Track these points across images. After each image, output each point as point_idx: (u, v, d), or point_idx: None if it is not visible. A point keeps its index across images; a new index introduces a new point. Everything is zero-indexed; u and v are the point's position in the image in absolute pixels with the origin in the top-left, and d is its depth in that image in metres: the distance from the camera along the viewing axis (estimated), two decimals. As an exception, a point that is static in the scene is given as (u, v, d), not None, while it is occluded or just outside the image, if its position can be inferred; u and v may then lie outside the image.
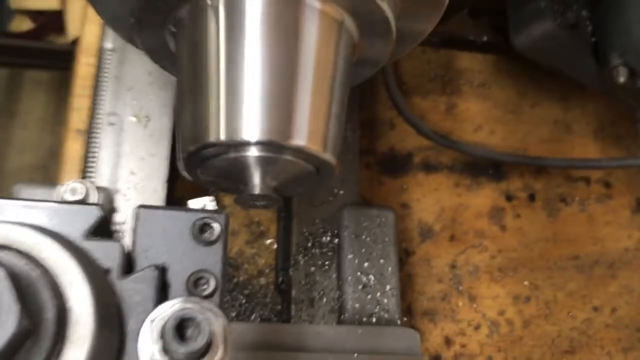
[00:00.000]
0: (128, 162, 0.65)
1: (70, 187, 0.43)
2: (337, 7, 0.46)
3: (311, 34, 0.45)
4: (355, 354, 0.60)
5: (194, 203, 0.40)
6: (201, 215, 0.38)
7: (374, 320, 0.65)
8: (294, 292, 0.68)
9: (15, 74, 1.12)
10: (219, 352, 0.31)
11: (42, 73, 1.12)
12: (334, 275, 0.68)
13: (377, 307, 0.66)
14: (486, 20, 0.86)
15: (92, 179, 0.63)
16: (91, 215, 0.36)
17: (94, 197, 0.45)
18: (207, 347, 0.31)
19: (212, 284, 0.37)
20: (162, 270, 0.36)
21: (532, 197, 0.88)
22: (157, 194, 0.64)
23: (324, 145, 0.45)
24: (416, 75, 0.91)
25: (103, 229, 0.37)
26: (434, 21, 0.52)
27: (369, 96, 0.87)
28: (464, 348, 0.79)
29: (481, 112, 0.91)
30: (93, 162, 0.64)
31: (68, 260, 0.32)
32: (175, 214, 0.38)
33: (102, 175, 0.64)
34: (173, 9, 0.47)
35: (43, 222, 0.35)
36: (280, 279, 0.72)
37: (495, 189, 0.87)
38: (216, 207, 0.40)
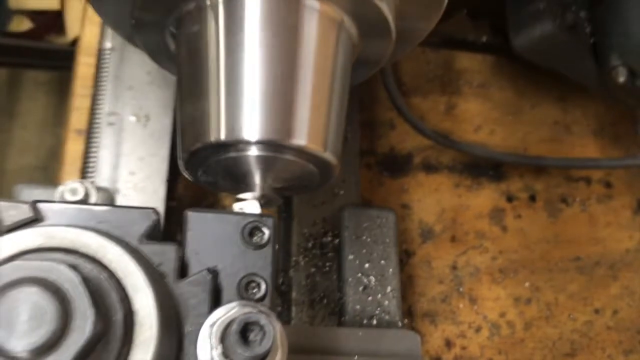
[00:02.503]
0: (128, 162, 0.65)
1: (70, 187, 0.43)
2: (336, 8, 0.46)
3: (310, 34, 0.45)
4: (356, 356, 0.60)
5: (239, 206, 0.40)
6: (251, 219, 0.38)
7: (374, 322, 0.65)
8: (294, 294, 0.68)
9: (15, 74, 1.12)
10: (279, 355, 0.32)
11: (42, 73, 1.12)
12: (335, 277, 0.68)
13: (378, 308, 0.65)
14: (486, 21, 0.86)
15: (92, 179, 0.63)
16: (146, 218, 0.36)
17: (93, 198, 0.45)
18: (268, 351, 0.31)
19: (263, 287, 0.37)
20: (215, 274, 0.36)
21: (532, 198, 0.88)
22: (157, 194, 0.64)
23: (324, 145, 0.45)
24: (416, 76, 0.91)
25: (156, 232, 0.37)
26: (433, 22, 0.52)
27: (368, 97, 0.87)
28: (464, 350, 0.79)
29: (481, 112, 0.91)
30: (93, 162, 0.64)
31: (131, 263, 0.32)
32: (225, 218, 0.38)
33: (102, 175, 0.64)
34: (173, 9, 0.47)
35: (100, 226, 0.35)
36: (281, 280, 0.72)
37: (495, 189, 0.87)
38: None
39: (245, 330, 0.31)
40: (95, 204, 0.37)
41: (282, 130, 0.43)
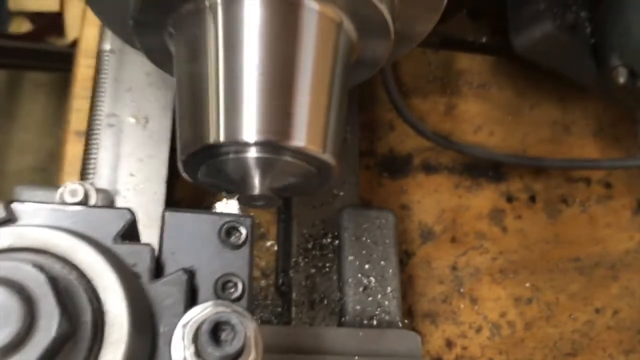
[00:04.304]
0: (127, 164, 0.65)
1: (70, 188, 0.43)
2: (336, 9, 0.46)
3: (310, 35, 0.45)
4: (356, 357, 0.60)
5: (220, 206, 0.40)
6: (228, 218, 0.38)
7: (374, 322, 0.65)
8: (294, 294, 0.68)
9: (15, 76, 1.13)
10: (252, 356, 0.31)
11: (42, 75, 1.12)
12: (335, 277, 0.68)
13: (378, 309, 0.65)
14: (485, 22, 0.86)
15: (92, 181, 0.63)
16: (121, 218, 0.36)
17: (93, 199, 0.45)
18: (241, 351, 0.31)
19: (240, 287, 0.37)
20: (191, 274, 0.36)
21: (532, 199, 0.88)
22: (156, 196, 0.64)
23: (323, 146, 0.45)
24: (415, 77, 0.91)
25: (132, 232, 0.37)
26: (433, 22, 0.52)
27: (368, 97, 0.87)
28: (465, 350, 0.78)
29: (480, 113, 0.91)
30: (92, 163, 0.64)
31: (102, 263, 0.32)
32: (202, 218, 0.38)
33: (102, 176, 0.64)
34: (172, 11, 0.47)
35: (74, 226, 0.35)
36: (281, 280, 0.72)
37: (495, 190, 0.87)
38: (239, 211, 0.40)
39: (217, 330, 0.31)
40: (70, 204, 0.37)
41: (281, 132, 0.43)
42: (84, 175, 0.64)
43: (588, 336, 0.82)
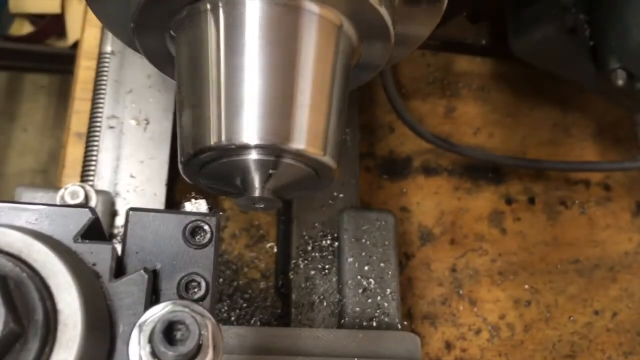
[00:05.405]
0: (128, 166, 0.65)
1: (70, 190, 0.44)
2: (336, 12, 0.46)
3: (310, 38, 0.45)
4: (356, 359, 0.60)
5: (189, 206, 0.40)
6: (193, 218, 0.38)
7: (374, 324, 0.65)
8: (294, 296, 0.68)
9: (16, 78, 1.13)
10: (209, 356, 0.31)
11: (42, 76, 1.12)
12: (334, 279, 0.68)
13: (378, 310, 0.66)
14: (485, 24, 0.87)
15: (92, 183, 0.63)
16: (82, 217, 0.35)
17: (93, 201, 0.45)
18: (197, 351, 0.31)
19: (203, 287, 0.37)
20: (153, 273, 0.36)
21: (531, 201, 0.88)
22: (156, 198, 0.65)
23: (323, 148, 0.45)
24: (415, 79, 0.91)
25: (95, 231, 0.36)
26: (433, 25, 0.52)
27: (368, 100, 0.87)
28: (464, 353, 0.79)
29: (480, 115, 0.91)
30: (93, 165, 0.64)
31: (57, 262, 0.31)
32: (166, 217, 0.38)
33: (102, 178, 0.64)
34: (173, 13, 0.47)
35: (34, 224, 0.35)
36: (280, 282, 0.72)
37: (495, 192, 0.87)
38: (208, 210, 0.40)
39: (171, 330, 0.31)
40: (31, 203, 0.36)
41: (282, 134, 0.43)
42: (84, 177, 0.64)
43: (587, 338, 0.82)
